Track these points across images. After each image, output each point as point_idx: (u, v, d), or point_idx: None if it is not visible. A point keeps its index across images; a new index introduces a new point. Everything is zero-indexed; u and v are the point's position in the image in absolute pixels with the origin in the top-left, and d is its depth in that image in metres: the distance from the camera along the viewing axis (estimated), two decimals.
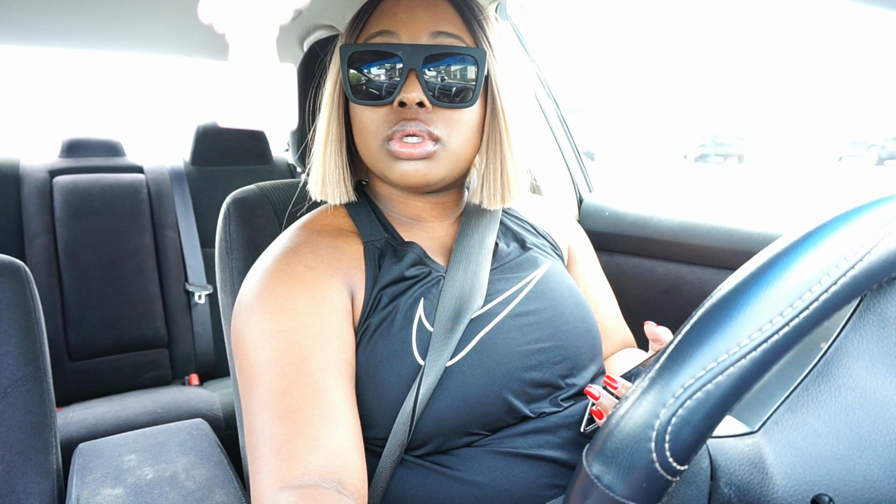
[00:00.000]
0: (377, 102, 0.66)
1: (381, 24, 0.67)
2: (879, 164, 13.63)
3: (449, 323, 0.65)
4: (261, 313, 0.62)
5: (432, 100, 0.65)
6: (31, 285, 0.92)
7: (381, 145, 0.67)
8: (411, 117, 0.65)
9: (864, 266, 0.34)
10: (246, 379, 0.60)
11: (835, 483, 0.39)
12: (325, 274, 0.66)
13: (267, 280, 0.65)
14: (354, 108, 0.69)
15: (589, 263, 0.91)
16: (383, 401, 0.63)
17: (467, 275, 0.70)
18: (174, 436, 1.15)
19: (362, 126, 0.68)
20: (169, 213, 2.03)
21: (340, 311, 0.64)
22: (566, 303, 0.73)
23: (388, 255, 0.71)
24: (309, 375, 0.58)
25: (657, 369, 0.35)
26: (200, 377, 2.01)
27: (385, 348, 0.64)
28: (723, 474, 0.40)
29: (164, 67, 5.96)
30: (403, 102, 0.65)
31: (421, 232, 0.76)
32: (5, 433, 0.85)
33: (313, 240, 0.70)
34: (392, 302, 0.67)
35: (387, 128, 0.66)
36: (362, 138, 0.69)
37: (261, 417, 0.57)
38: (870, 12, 0.66)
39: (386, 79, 0.65)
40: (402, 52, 0.64)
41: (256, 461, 0.56)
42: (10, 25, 1.31)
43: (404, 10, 0.67)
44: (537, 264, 0.76)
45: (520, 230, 0.82)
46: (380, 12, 0.69)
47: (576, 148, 1.45)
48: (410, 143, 0.65)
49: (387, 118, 0.66)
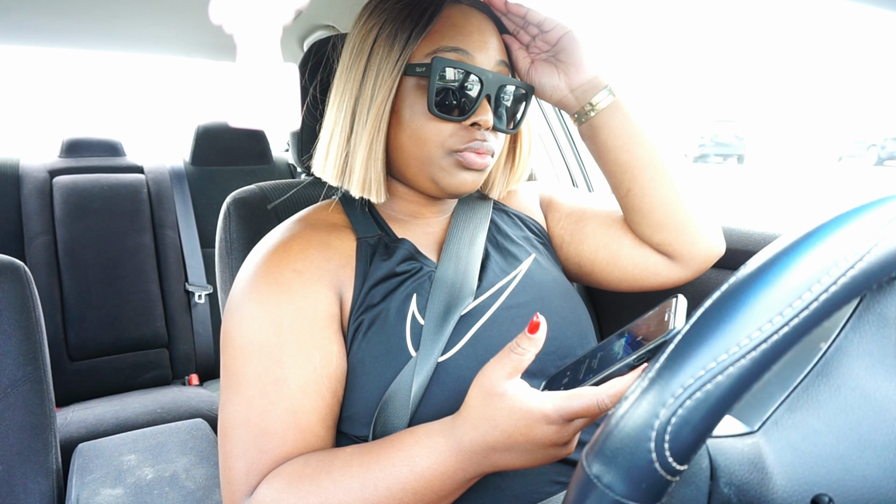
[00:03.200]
0: (455, 118, 0.68)
1: (453, 38, 0.68)
2: (879, 164, 13.63)
3: (440, 317, 0.67)
4: (249, 322, 0.64)
5: (496, 124, 0.71)
6: (30, 285, 0.92)
7: (448, 154, 0.70)
8: (482, 138, 0.70)
9: (864, 266, 0.34)
10: (229, 383, 0.64)
11: (835, 483, 0.39)
12: (313, 279, 0.67)
13: (257, 284, 0.66)
14: (416, 113, 0.69)
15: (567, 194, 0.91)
16: (377, 395, 0.64)
17: (458, 270, 0.72)
18: (174, 436, 1.15)
19: (424, 133, 0.69)
20: (169, 213, 2.03)
21: (324, 321, 0.66)
22: (553, 294, 0.75)
23: (380, 251, 0.72)
24: (288, 399, 0.62)
25: (657, 369, 0.35)
26: (200, 377, 2.01)
27: (380, 344, 0.65)
28: (722, 474, 0.40)
29: (164, 67, 5.96)
30: (476, 123, 0.69)
31: (416, 228, 0.77)
32: (5, 433, 0.85)
33: (306, 235, 0.71)
34: (385, 298, 0.68)
35: (457, 141, 0.69)
36: (420, 145, 0.69)
37: (238, 430, 0.62)
38: (870, 12, 0.66)
39: (464, 98, 0.68)
40: (485, 77, 0.68)
41: (228, 471, 0.62)
42: (10, 25, 1.31)
43: (477, 31, 0.70)
44: (522, 257, 0.78)
45: (506, 224, 0.83)
46: (450, 24, 0.69)
47: (576, 148, 1.46)
48: (483, 157, 0.71)
49: (456, 132, 0.69)
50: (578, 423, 0.51)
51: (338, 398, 0.66)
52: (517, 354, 0.52)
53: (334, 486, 0.56)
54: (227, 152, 2.17)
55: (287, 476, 0.58)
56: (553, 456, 0.53)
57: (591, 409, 0.50)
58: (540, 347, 0.52)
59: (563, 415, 0.50)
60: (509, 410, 0.51)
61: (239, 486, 0.60)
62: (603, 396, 0.49)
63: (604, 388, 0.50)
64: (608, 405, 0.49)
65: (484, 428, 0.52)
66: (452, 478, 0.54)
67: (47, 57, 1.88)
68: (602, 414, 0.50)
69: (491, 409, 0.52)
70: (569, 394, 0.51)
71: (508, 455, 0.53)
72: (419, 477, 0.54)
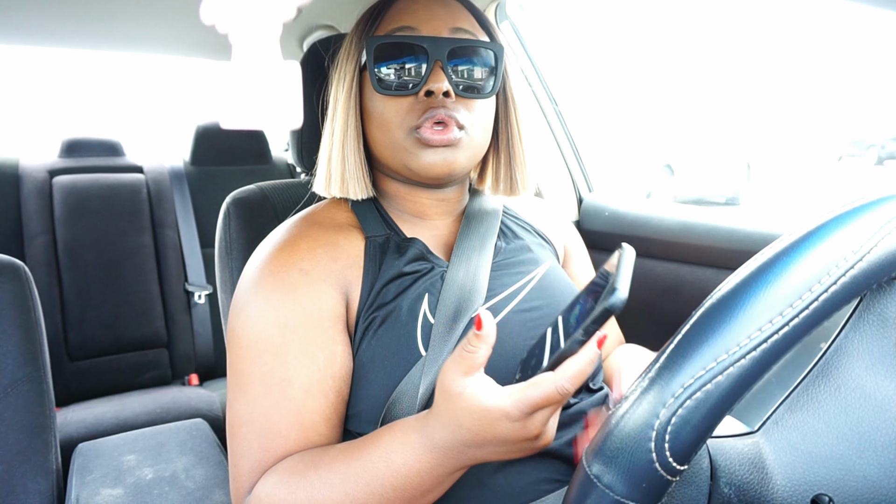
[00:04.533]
0: (404, 93, 0.68)
1: (399, 20, 0.69)
2: (879, 164, 13.61)
3: (450, 318, 0.66)
4: (255, 321, 0.65)
5: (457, 90, 0.68)
6: (30, 285, 0.92)
7: (408, 134, 0.68)
8: (440, 104, 0.67)
9: (864, 266, 0.34)
10: (235, 381, 0.65)
11: (835, 483, 0.39)
12: (319, 279, 0.67)
13: (263, 282, 0.67)
14: (374, 100, 0.70)
15: (582, 264, 0.93)
16: (386, 393, 0.64)
17: (468, 272, 0.71)
18: (174, 436, 1.15)
19: (385, 117, 0.69)
20: (169, 213, 2.03)
21: (329, 321, 0.66)
22: (567, 299, 0.75)
23: (391, 250, 0.72)
24: (292, 399, 0.63)
25: (657, 369, 0.35)
26: (200, 377, 2.01)
27: (391, 342, 0.65)
28: (723, 474, 0.40)
29: (164, 67, 5.96)
30: (430, 92, 0.67)
31: (424, 230, 0.77)
32: (5, 433, 0.85)
33: (313, 234, 0.71)
34: (397, 297, 0.68)
35: (414, 117, 0.68)
36: (385, 129, 0.70)
37: (244, 429, 0.63)
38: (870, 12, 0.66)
39: (412, 70, 0.68)
40: (428, 44, 0.67)
41: (234, 468, 0.63)
42: (10, 25, 1.31)
43: (423, 8, 0.70)
44: (539, 262, 0.78)
45: (520, 230, 0.83)
46: (396, 10, 0.71)
47: (576, 148, 1.46)
48: (440, 130, 0.68)
49: (413, 108, 0.68)
50: (543, 414, 0.50)
51: (343, 397, 0.66)
52: (468, 353, 0.51)
53: (320, 482, 0.57)
54: (226, 152, 2.17)
55: (281, 471, 0.59)
56: (529, 448, 0.52)
57: (552, 398, 0.48)
58: (491, 343, 0.51)
59: (523, 409, 0.49)
60: (469, 410, 0.50)
61: (243, 482, 0.62)
62: (561, 381, 0.48)
63: (560, 371, 0.49)
64: (568, 389, 0.48)
65: (451, 426, 0.52)
66: (430, 473, 0.54)
67: (47, 57, 1.88)
68: (565, 399, 0.49)
69: (453, 408, 0.52)
70: (526, 385, 0.49)
71: (483, 450, 0.52)
72: (396, 473, 0.54)
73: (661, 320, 1.22)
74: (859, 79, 33.51)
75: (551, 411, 0.50)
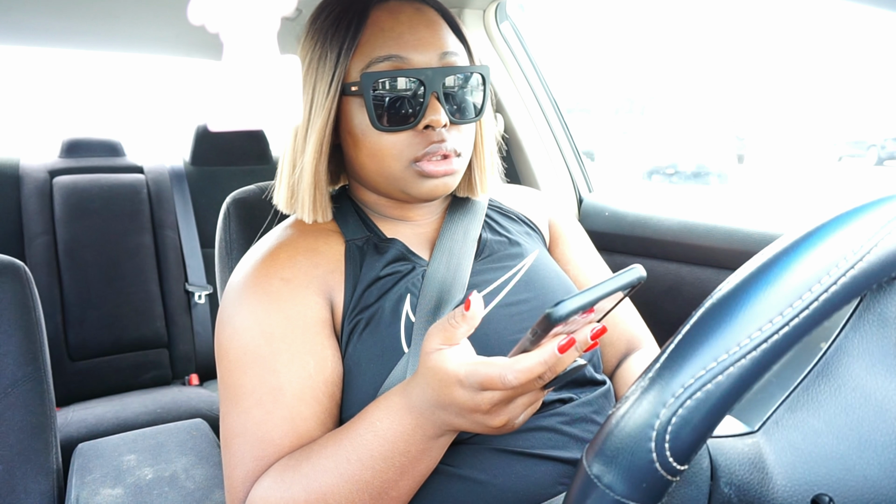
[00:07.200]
0: (404, 127, 0.67)
1: (384, 46, 0.67)
2: (879, 164, 13.61)
3: (430, 313, 0.67)
4: (241, 333, 0.65)
5: (451, 119, 0.68)
6: (31, 285, 0.92)
7: (408, 166, 0.68)
8: (438, 139, 0.67)
9: (864, 266, 0.34)
10: (227, 395, 0.65)
11: (835, 483, 0.39)
12: (301, 286, 0.68)
13: (246, 294, 0.67)
14: (367, 132, 0.68)
15: (576, 242, 0.89)
16: (374, 394, 0.64)
17: (449, 267, 0.71)
18: (174, 436, 1.15)
19: (379, 148, 0.68)
20: (169, 213, 2.03)
21: (315, 327, 0.67)
22: (556, 291, 0.75)
23: (370, 252, 0.72)
24: (285, 407, 0.63)
25: (657, 369, 0.35)
26: (200, 377, 2.01)
27: (376, 344, 0.66)
28: (723, 474, 0.40)
29: (164, 67, 5.96)
30: (429, 125, 0.67)
31: (405, 229, 0.77)
32: (5, 433, 0.85)
33: (293, 242, 0.72)
34: (379, 299, 0.68)
35: (414, 150, 0.68)
36: (379, 160, 0.69)
37: (237, 440, 0.63)
38: (870, 12, 0.66)
39: (408, 102, 0.67)
40: (424, 76, 0.66)
41: (228, 479, 0.64)
42: (10, 25, 1.31)
43: (409, 30, 0.67)
44: (525, 254, 0.77)
45: (505, 221, 0.83)
46: (378, 29, 0.67)
47: (575, 148, 1.45)
48: (439, 161, 0.68)
49: (412, 141, 0.68)
50: (492, 395, 0.50)
51: (336, 401, 0.66)
52: (450, 325, 0.53)
53: (313, 470, 0.57)
54: (226, 152, 2.17)
55: (274, 473, 0.60)
56: (484, 425, 0.52)
57: (495, 382, 0.48)
58: (473, 326, 0.52)
59: (472, 382, 0.50)
60: (434, 370, 0.52)
61: (237, 493, 0.62)
62: (507, 371, 0.48)
63: (511, 361, 0.49)
64: (510, 381, 0.48)
65: (422, 385, 0.54)
66: (413, 435, 0.55)
67: (47, 57, 1.89)
68: (506, 389, 0.49)
69: (424, 368, 0.54)
70: (480, 361, 0.50)
71: (446, 413, 0.53)
72: (382, 440, 0.56)
73: (661, 320, 1.21)
74: (859, 79, 33.61)
75: (501, 396, 0.50)
